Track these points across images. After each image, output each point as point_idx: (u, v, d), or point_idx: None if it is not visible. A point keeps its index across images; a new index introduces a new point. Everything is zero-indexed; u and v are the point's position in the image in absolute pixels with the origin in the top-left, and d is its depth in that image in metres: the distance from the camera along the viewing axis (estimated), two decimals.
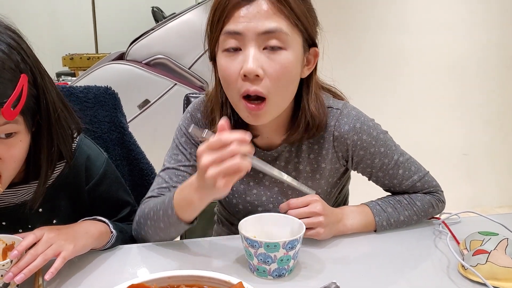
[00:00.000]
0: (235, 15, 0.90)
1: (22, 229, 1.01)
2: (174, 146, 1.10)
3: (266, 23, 0.89)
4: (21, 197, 0.99)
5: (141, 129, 2.39)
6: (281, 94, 0.95)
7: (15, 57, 0.85)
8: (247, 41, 0.90)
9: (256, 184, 1.10)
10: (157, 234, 1.00)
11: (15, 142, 0.88)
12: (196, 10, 2.62)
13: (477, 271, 0.85)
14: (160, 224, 0.97)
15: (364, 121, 1.05)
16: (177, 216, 0.93)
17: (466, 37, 2.81)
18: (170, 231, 0.98)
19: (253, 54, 0.90)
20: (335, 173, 1.11)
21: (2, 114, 0.81)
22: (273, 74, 0.91)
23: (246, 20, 0.90)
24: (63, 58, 4.14)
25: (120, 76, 2.51)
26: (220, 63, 0.95)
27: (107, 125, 1.31)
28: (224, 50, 0.93)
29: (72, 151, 1.01)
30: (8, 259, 0.80)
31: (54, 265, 0.83)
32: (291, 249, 0.85)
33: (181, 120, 1.12)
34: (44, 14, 4.72)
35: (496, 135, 2.98)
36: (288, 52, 0.92)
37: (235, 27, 0.90)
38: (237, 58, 0.92)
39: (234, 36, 0.91)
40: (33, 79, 0.88)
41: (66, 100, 0.99)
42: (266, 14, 0.89)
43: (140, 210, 1.04)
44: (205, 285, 0.72)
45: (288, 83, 0.95)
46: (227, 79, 0.94)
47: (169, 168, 1.07)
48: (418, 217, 1.09)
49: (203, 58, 2.57)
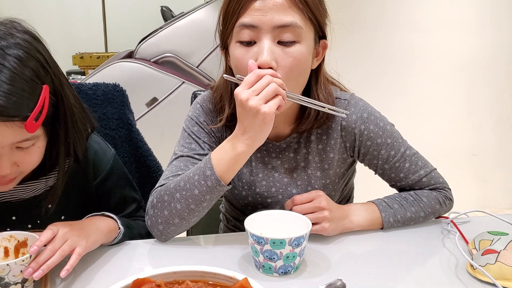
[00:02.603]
0: (250, 7, 0.92)
1: (31, 224, 1.02)
2: (186, 136, 1.08)
3: (282, 17, 0.91)
4: (31, 192, 1.00)
5: (149, 127, 2.40)
6: (292, 85, 0.96)
7: (34, 63, 0.83)
8: (262, 34, 0.92)
9: (265, 176, 1.10)
10: (188, 206, 0.94)
11: (33, 150, 0.88)
12: (205, 8, 2.63)
13: (486, 271, 0.84)
14: (194, 192, 0.94)
15: (371, 111, 1.07)
16: (216, 175, 0.92)
17: (476, 36, 2.78)
18: (205, 199, 0.94)
19: (267, 47, 0.92)
20: (343, 164, 1.11)
21: (25, 128, 0.80)
22: (286, 67, 0.94)
23: (262, 13, 0.91)
24: (73, 57, 4.17)
25: (128, 74, 2.53)
26: (234, 54, 0.96)
27: (115, 122, 1.31)
28: (238, 41, 0.95)
29: (86, 149, 1.01)
30: (28, 255, 0.80)
31: (70, 262, 0.83)
32: (297, 246, 0.85)
33: (190, 111, 1.12)
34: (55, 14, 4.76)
35: (506, 136, 2.95)
36: (301, 45, 0.94)
37: (251, 20, 0.92)
38: (252, 50, 0.94)
39: (249, 28, 0.93)
40: (53, 87, 0.87)
41: (81, 101, 0.99)
42: (281, 7, 0.91)
43: (161, 190, 0.98)
44: (210, 281, 0.72)
45: (299, 74, 0.97)
46: (241, 69, 0.96)
47: (183, 155, 1.05)
48: (425, 213, 1.08)
49: (211, 57, 2.57)
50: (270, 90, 0.86)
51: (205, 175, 0.93)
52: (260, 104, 0.85)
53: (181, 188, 0.95)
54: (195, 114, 1.10)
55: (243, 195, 1.14)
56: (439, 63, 2.81)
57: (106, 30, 4.78)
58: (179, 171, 1.02)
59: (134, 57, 2.66)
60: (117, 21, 4.80)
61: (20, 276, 0.79)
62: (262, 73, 0.87)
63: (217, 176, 0.92)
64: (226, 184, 0.94)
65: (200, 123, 1.09)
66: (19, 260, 0.79)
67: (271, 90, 0.86)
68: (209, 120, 1.09)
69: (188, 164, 1.03)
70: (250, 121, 0.88)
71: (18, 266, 0.79)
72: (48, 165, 0.96)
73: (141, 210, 1.16)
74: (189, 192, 0.94)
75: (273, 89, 0.86)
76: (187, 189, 0.95)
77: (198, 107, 1.11)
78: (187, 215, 0.96)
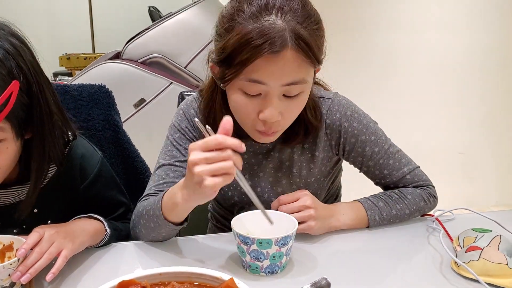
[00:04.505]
0: (261, 61, 0.86)
1: (17, 229, 1.01)
2: (169, 143, 1.09)
3: (292, 76, 0.89)
4: (16, 197, 0.99)
5: (137, 128, 2.39)
6: (293, 121, 0.98)
7: (10, 63, 0.83)
8: (270, 91, 0.90)
9: (251, 176, 1.11)
10: (149, 234, 1.00)
11: (1, 149, 0.87)
12: (193, 8, 2.61)
13: (470, 267, 0.85)
14: (150, 224, 0.97)
15: (354, 109, 1.08)
16: (163, 217, 0.93)
17: (464, 36, 2.81)
18: (160, 231, 0.97)
19: (275, 104, 0.90)
20: (328, 162, 1.12)
21: None
22: (292, 116, 0.96)
23: (272, 72, 0.87)
24: (60, 58, 4.13)
25: (115, 75, 2.51)
26: (236, 100, 0.93)
27: (101, 123, 1.31)
28: (242, 91, 0.92)
29: (63, 158, 1.00)
30: (15, 258, 0.80)
31: (56, 265, 0.83)
32: (284, 245, 0.85)
33: (173, 118, 1.12)
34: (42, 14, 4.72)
35: (492, 134, 2.98)
36: (305, 92, 0.94)
37: (261, 78, 0.88)
38: (256, 100, 0.92)
39: (257, 83, 0.89)
40: (27, 87, 0.86)
41: (63, 108, 0.98)
42: (291, 66, 0.88)
43: (136, 209, 1.04)
44: (196, 282, 0.72)
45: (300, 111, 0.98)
46: (243, 115, 0.95)
47: (164, 164, 1.07)
48: (410, 211, 1.09)
49: (199, 57, 2.56)
50: (222, 167, 0.77)
51: (156, 214, 0.94)
52: (205, 175, 0.77)
53: (143, 216, 0.99)
54: (177, 120, 1.11)
55: (229, 195, 1.14)
56: (424, 62, 2.83)
57: (94, 31, 4.74)
58: (161, 181, 1.05)
59: (121, 57, 2.64)
60: (104, 22, 4.77)
61: (8, 280, 0.79)
62: (225, 143, 0.77)
63: (164, 218, 0.93)
64: (178, 223, 0.94)
65: (181, 129, 1.09)
66: (7, 264, 0.79)
67: (224, 167, 0.77)
68: (191, 126, 1.09)
69: (169, 173, 1.05)
70: (191, 184, 0.82)
71: (6, 270, 0.78)
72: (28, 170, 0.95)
73: (130, 213, 1.15)
74: (148, 223, 0.97)
75: (227, 167, 0.77)
76: (146, 219, 0.98)
77: (180, 113, 1.11)
78: (152, 238, 1.01)
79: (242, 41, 0.86)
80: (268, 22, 0.86)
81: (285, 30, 0.86)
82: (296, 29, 0.86)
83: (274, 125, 0.94)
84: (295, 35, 0.86)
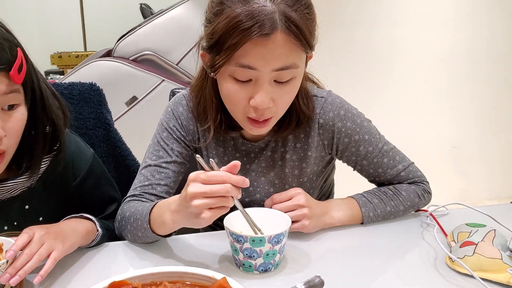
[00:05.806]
0: (251, 46, 0.85)
1: (7, 226, 1.00)
2: (156, 142, 1.08)
3: (282, 60, 0.87)
4: (8, 193, 0.98)
5: (129, 126, 2.37)
6: (286, 109, 0.97)
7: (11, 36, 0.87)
8: (261, 76, 0.88)
9: (243, 175, 1.09)
10: (135, 240, 0.99)
11: (17, 115, 0.88)
12: (184, 5, 2.59)
13: (464, 263, 0.84)
14: (138, 233, 0.96)
15: (348, 108, 1.07)
16: (151, 230, 0.92)
17: (456, 31, 2.81)
18: (148, 239, 0.97)
19: (265, 90, 0.89)
20: (321, 162, 1.11)
21: (12, 78, 0.83)
22: (284, 102, 0.94)
23: (262, 56, 0.86)
24: (51, 56, 4.10)
25: (107, 73, 2.49)
26: (227, 87, 0.92)
27: (92, 121, 1.30)
28: (233, 77, 0.90)
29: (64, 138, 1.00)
30: (4, 260, 0.79)
31: (45, 267, 0.82)
32: (277, 243, 0.85)
33: (162, 115, 1.11)
34: (33, 12, 4.67)
35: (485, 128, 2.99)
36: (297, 78, 0.92)
37: (251, 63, 0.86)
38: (246, 87, 0.90)
39: (247, 68, 0.87)
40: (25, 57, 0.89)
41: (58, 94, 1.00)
42: (282, 50, 0.86)
43: (122, 211, 1.02)
44: (189, 281, 0.72)
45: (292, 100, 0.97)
46: (234, 103, 0.94)
47: (150, 165, 1.06)
48: (404, 207, 1.08)
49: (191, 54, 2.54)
50: (221, 202, 0.78)
51: (143, 226, 0.93)
52: (203, 209, 0.77)
53: (130, 223, 0.97)
54: (165, 119, 1.09)
55: None
56: (419, 58, 2.84)
57: (85, 29, 4.70)
58: (146, 182, 1.04)
59: (113, 55, 2.62)
60: (96, 19, 4.73)
61: None
62: (229, 181, 0.77)
63: (152, 231, 0.92)
64: (166, 234, 0.93)
65: (169, 128, 1.08)
66: None
67: (222, 202, 0.78)
68: (179, 124, 1.08)
69: (155, 174, 1.04)
70: (186, 212, 0.81)
71: None
72: (25, 164, 0.95)
73: None
74: (136, 231, 0.96)
75: (224, 201, 0.78)
76: (134, 227, 0.96)
77: (169, 110, 1.10)
78: (144, 242, 0.99)
79: (230, 25, 0.84)
80: (257, 5, 0.84)
81: (275, 12, 0.84)
82: (286, 11, 0.85)
83: (265, 111, 0.92)
84: (285, 18, 0.84)
